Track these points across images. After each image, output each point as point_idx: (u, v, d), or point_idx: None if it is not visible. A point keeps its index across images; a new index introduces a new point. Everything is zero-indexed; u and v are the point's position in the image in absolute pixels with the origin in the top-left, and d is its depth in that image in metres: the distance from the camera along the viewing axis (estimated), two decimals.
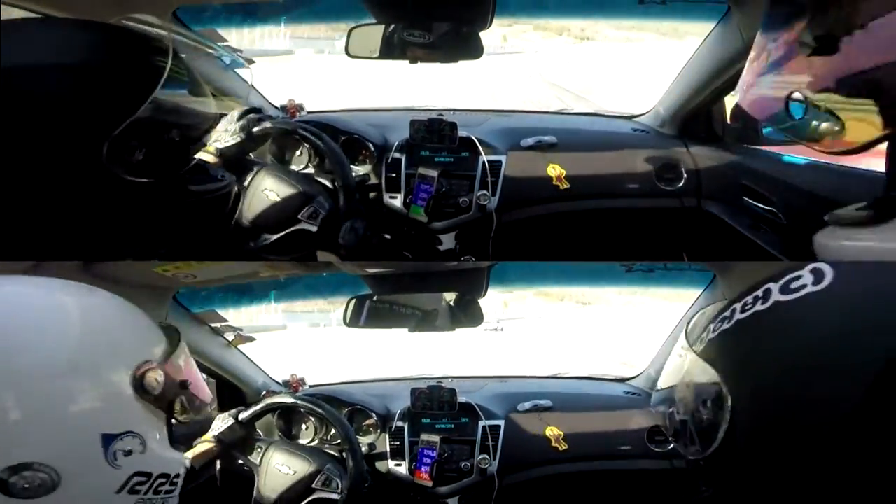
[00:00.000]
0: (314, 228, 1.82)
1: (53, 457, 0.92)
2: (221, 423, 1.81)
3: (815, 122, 0.96)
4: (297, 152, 2.13)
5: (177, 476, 1.10)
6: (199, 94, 1.30)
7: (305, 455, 1.89)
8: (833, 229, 1.03)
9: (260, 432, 1.94)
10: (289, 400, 2.05)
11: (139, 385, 1.01)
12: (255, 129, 1.80)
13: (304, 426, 2.29)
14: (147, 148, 1.18)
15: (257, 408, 1.86)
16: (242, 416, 1.83)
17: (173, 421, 1.09)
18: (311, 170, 2.11)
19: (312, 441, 2.29)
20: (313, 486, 1.86)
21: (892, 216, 0.94)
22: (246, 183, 1.79)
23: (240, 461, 1.85)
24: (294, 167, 2.12)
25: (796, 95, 0.97)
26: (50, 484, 0.92)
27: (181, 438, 1.15)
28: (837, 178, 1.76)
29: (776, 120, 1.04)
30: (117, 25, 1.26)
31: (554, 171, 2.32)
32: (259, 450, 1.87)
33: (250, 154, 1.87)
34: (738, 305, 0.88)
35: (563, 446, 2.37)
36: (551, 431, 2.37)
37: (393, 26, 2.04)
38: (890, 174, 0.96)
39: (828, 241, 1.03)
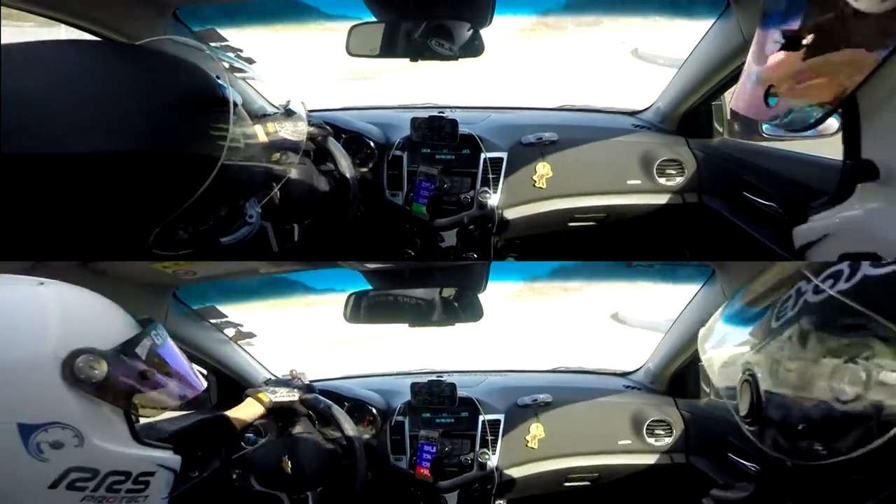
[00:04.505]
0: (275, 248, 1.78)
1: None
2: (286, 392, 1.79)
3: (788, 112, 1.07)
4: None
5: (144, 475, 1.02)
6: (253, 147, 1.20)
7: (313, 468, 1.90)
8: (810, 216, 1.10)
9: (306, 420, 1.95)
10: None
11: (69, 373, 0.94)
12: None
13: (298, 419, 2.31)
14: (194, 228, 1.12)
15: (323, 401, 1.86)
16: (306, 398, 1.83)
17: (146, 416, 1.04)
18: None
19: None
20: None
21: (853, 188, 1.01)
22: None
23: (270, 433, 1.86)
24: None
25: (772, 89, 1.07)
26: None
27: (160, 434, 1.09)
28: (838, 173, 1.76)
29: (762, 116, 1.16)
30: (180, 92, 1.13)
31: (542, 169, 2.32)
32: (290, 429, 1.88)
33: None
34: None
35: (562, 441, 2.38)
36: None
37: (419, 33, 2.02)
38: (844, 145, 1.04)
39: (802, 227, 1.10)
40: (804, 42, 0.99)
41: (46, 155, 0.97)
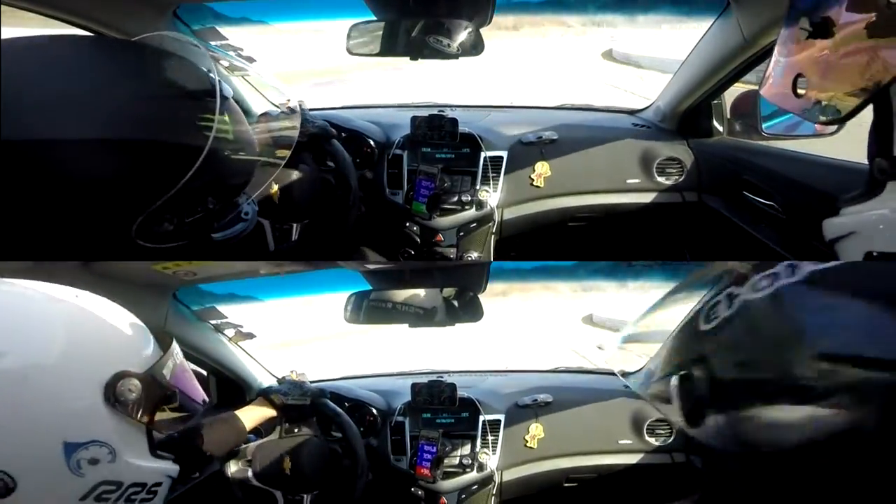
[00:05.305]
0: (271, 247, 1.78)
1: (9, 462, 0.92)
2: (298, 394, 1.78)
3: (817, 100, 1.03)
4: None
5: (156, 485, 1.07)
6: (243, 139, 1.18)
7: (311, 471, 1.88)
8: (840, 209, 1.06)
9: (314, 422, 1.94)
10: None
11: (111, 395, 0.99)
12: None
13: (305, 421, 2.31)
14: (179, 219, 1.11)
15: (332, 408, 1.85)
16: (318, 402, 1.82)
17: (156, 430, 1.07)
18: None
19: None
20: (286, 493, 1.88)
21: (883, 185, 0.98)
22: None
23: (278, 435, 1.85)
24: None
25: (801, 77, 1.04)
26: (3, 488, 0.92)
27: (167, 446, 1.12)
28: (838, 173, 1.76)
29: (791, 106, 1.09)
30: (163, 82, 1.12)
31: (541, 168, 2.32)
32: (297, 431, 1.87)
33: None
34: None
35: (563, 441, 2.38)
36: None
37: (418, 30, 2.03)
38: (876, 141, 1.01)
39: (830, 220, 1.05)
40: (834, 29, 0.97)
41: (28, 141, 0.98)
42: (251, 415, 1.65)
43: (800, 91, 1.04)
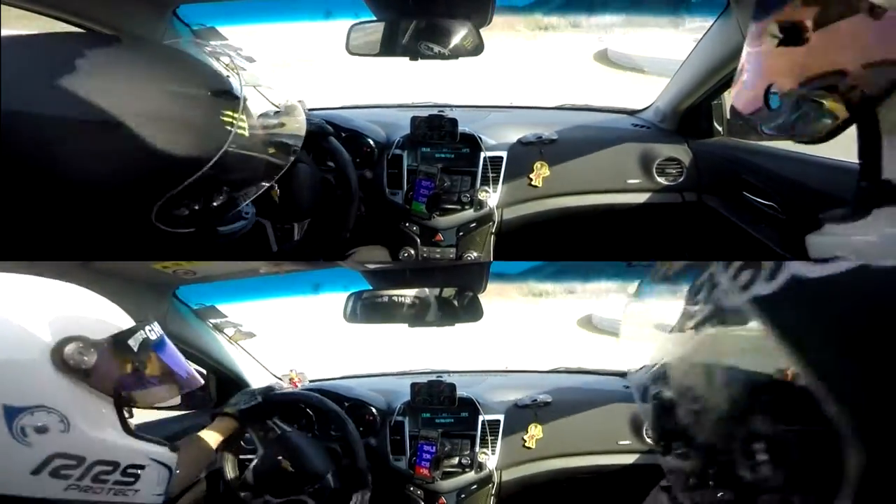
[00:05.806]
0: (274, 248, 1.80)
1: None
2: (248, 398, 1.78)
3: (793, 114, 0.98)
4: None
5: (134, 467, 1.02)
6: (256, 137, 1.27)
7: (311, 457, 1.87)
8: (825, 228, 1.02)
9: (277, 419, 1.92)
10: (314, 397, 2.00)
11: (59, 359, 0.96)
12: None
13: (302, 419, 2.30)
14: (195, 205, 1.17)
15: (286, 393, 1.85)
16: (269, 396, 1.81)
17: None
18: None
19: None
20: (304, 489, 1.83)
21: (869, 209, 0.93)
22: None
23: (250, 441, 1.83)
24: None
25: (773, 88, 0.99)
26: None
27: (155, 431, 1.11)
28: (837, 173, 1.76)
29: (763, 118, 1.04)
30: (195, 79, 1.21)
31: (540, 168, 2.32)
32: (272, 433, 1.84)
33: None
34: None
35: (562, 441, 2.38)
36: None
37: (410, 34, 2.03)
38: (861, 163, 0.97)
39: (815, 238, 1.02)
40: (806, 35, 0.92)
41: (60, 117, 1.02)
42: (214, 434, 1.62)
43: (773, 103, 0.98)
